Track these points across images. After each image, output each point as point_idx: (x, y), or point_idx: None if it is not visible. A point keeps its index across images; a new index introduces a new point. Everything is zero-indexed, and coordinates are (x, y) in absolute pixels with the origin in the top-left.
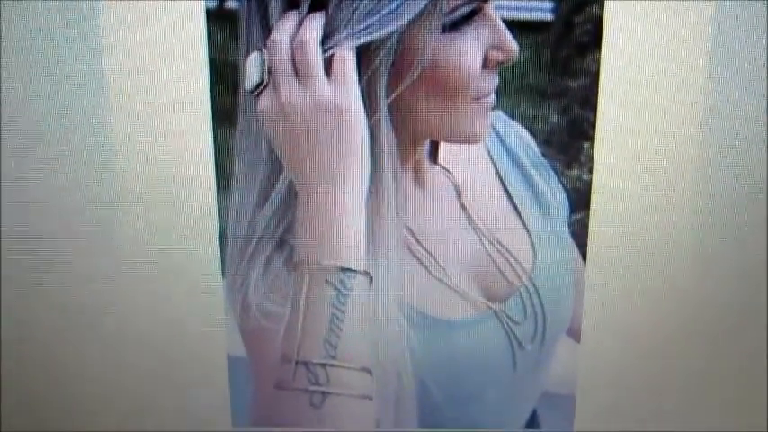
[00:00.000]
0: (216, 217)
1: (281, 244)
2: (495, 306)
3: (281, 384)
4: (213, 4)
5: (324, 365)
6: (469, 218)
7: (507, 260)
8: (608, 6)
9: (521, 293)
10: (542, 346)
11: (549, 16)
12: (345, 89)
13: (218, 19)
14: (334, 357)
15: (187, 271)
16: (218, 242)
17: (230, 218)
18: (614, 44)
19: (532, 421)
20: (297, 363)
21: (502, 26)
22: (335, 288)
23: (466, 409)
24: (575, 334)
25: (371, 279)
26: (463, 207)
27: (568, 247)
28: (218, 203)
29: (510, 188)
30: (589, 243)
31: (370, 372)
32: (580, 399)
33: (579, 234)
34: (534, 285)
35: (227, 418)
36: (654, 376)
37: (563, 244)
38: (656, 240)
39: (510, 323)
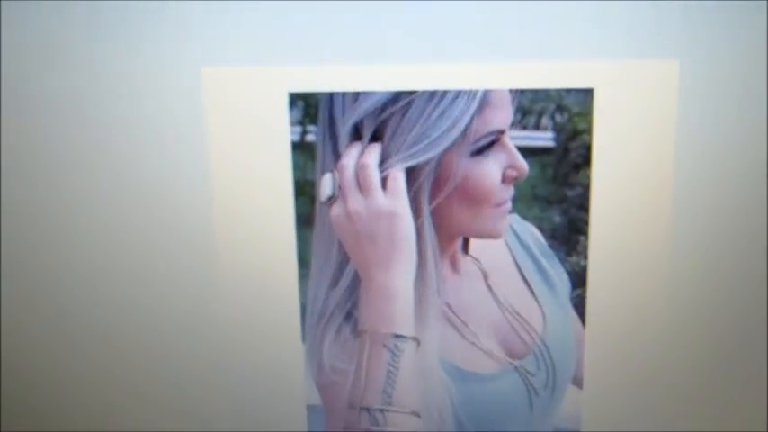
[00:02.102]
0: (297, 296)
1: (348, 317)
2: (516, 362)
3: (349, 426)
4: (297, 138)
5: (382, 411)
6: (494, 295)
7: (524, 326)
8: (595, 136)
9: (535, 352)
10: (553, 392)
11: (551, 143)
12: (397, 200)
13: (301, 148)
14: (390, 404)
15: (274, 337)
16: (299, 315)
17: (309, 297)
18: (601, 163)
19: None
20: (361, 409)
21: (515, 151)
22: (390, 350)
23: None
24: (578, 382)
25: (419, 342)
26: (489, 287)
27: (571, 316)
28: (300, 286)
29: (524, 272)
30: (587, 312)
31: (418, 414)
32: None
33: (579, 305)
34: (545, 345)
35: None
36: (650, 413)
37: (566, 313)
38: (641, 308)
39: (527, 375)
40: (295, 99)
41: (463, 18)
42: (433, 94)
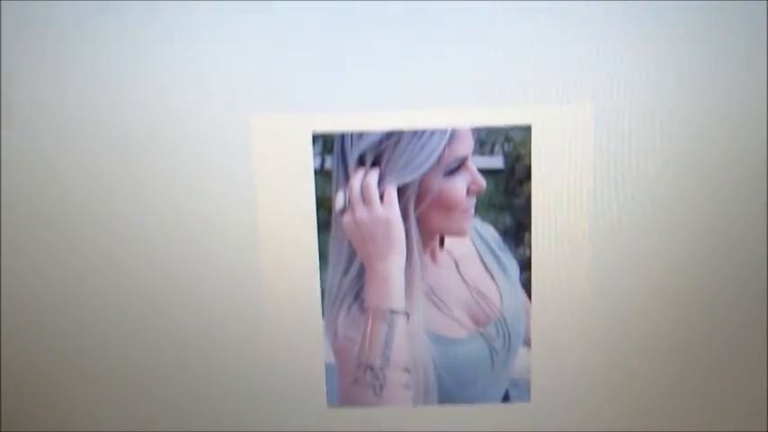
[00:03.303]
0: (318, 283)
1: (357, 298)
2: (481, 329)
3: (357, 380)
4: (318, 165)
5: (381, 368)
6: (463, 279)
7: (486, 302)
8: (533, 159)
9: (494, 321)
10: (509, 351)
11: (501, 165)
12: (391, 209)
13: (321, 173)
14: (387, 363)
15: (300, 314)
16: (319, 297)
17: (327, 283)
18: (538, 179)
19: (505, 396)
20: (365, 367)
21: (476, 172)
22: (387, 322)
23: (465, 391)
24: (527, 343)
25: (408, 316)
26: (459, 273)
27: (520, 293)
28: (320, 275)
29: (485, 260)
30: (532, 289)
31: (408, 371)
32: (533, 381)
33: (525, 284)
34: (502, 315)
35: (324, 400)
36: (582, 365)
37: (517, 291)
38: (572, 285)
39: (489, 339)
40: (317, 137)
41: (436, 77)
42: (415, 132)
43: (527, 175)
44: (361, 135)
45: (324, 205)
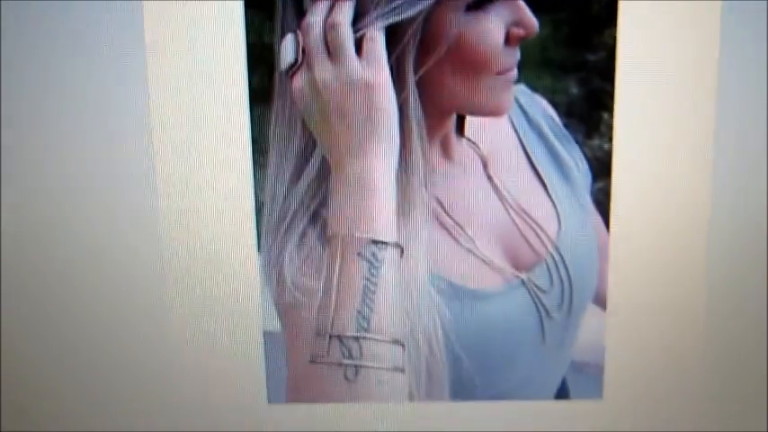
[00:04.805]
0: (252, 192)
1: (315, 218)
2: (523, 275)
3: (316, 358)
4: None
5: (357, 339)
6: (496, 188)
7: (533, 229)
8: None
9: (547, 262)
10: (570, 314)
11: None
12: (375, 67)
13: (255, 3)
14: (366, 330)
15: (221, 245)
16: (253, 217)
17: (266, 193)
18: (630, 19)
19: (562, 390)
20: (330, 336)
21: (522, 4)
22: (367, 260)
23: (496, 380)
24: (601, 302)
25: (402, 251)
26: (489, 178)
27: (592, 216)
28: (255, 179)
29: (534, 158)
30: (612, 211)
31: (402, 344)
32: (609, 367)
33: (602, 202)
34: (560, 253)
35: (263, 394)
36: (681, 346)
37: (586, 212)
38: (678, 207)
39: (537, 292)
40: None
41: None
42: None
43: (611, 12)
44: None
45: (262, 60)
